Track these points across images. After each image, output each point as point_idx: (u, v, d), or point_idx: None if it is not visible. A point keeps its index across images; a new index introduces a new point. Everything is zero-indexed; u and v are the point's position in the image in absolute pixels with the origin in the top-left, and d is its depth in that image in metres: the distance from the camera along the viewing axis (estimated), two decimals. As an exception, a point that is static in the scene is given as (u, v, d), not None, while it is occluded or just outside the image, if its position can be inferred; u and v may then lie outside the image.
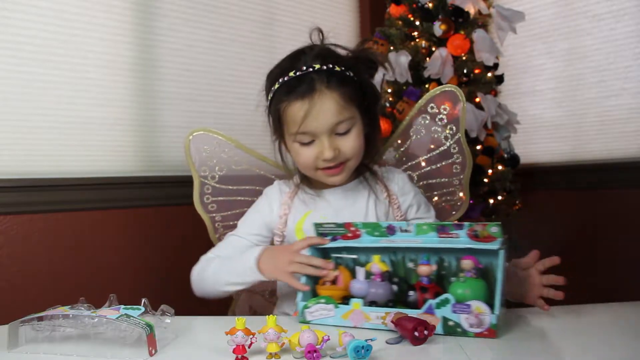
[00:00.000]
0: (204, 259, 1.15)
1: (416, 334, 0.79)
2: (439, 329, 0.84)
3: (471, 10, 1.93)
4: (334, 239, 1.01)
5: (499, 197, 1.97)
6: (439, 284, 0.93)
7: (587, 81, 2.24)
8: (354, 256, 1.01)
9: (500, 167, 1.99)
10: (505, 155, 2.04)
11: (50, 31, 1.68)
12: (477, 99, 1.91)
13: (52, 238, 1.65)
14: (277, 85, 1.05)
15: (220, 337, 0.78)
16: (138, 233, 1.83)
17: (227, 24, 2.09)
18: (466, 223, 0.92)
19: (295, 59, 1.05)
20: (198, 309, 1.07)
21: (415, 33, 2.00)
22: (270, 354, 0.77)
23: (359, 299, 0.91)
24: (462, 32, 1.93)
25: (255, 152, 1.30)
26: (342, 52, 1.08)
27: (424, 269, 0.92)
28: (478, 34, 1.93)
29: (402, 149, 1.30)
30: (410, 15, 2.02)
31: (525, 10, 2.00)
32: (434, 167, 1.27)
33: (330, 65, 1.02)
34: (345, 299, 0.94)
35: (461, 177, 1.27)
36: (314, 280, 0.99)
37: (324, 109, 1.00)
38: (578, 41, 2.25)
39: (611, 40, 2.16)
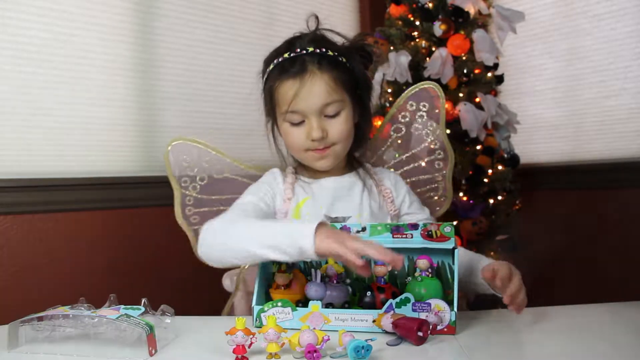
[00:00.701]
0: (218, 222, 0.99)
1: (420, 333, 0.79)
2: None
3: (471, 10, 1.93)
4: None
5: (499, 197, 1.97)
6: (393, 284, 0.95)
7: (587, 81, 2.24)
8: (308, 259, 0.99)
9: (500, 167, 1.99)
10: (505, 155, 2.04)
11: (50, 31, 1.68)
12: (477, 99, 1.91)
13: (52, 238, 1.65)
14: (271, 66, 1.09)
15: (220, 337, 0.78)
16: (138, 233, 1.83)
17: (227, 24, 2.09)
18: (420, 223, 0.95)
19: (290, 43, 1.09)
20: (198, 309, 1.07)
21: (415, 33, 2.00)
22: (270, 354, 0.77)
23: (317, 301, 0.90)
24: (462, 32, 1.93)
25: (237, 160, 1.26)
26: (339, 40, 1.11)
27: (380, 270, 0.94)
28: (478, 34, 1.93)
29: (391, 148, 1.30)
30: (410, 15, 2.02)
31: (525, 10, 2.00)
32: (415, 164, 1.27)
33: (324, 49, 1.05)
34: (299, 303, 0.94)
35: (444, 172, 1.27)
36: (267, 285, 0.98)
37: (314, 89, 1.03)
38: (578, 41, 2.25)
39: (611, 40, 2.16)
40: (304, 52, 1.05)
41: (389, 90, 2.01)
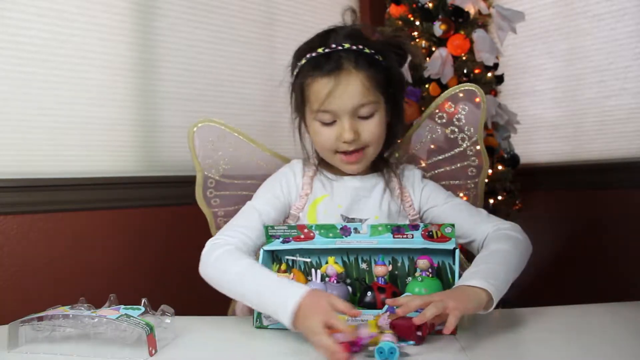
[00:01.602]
0: (225, 244, 0.99)
1: (419, 333, 0.79)
2: None
3: (471, 10, 1.93)
4: (286, 241, 0.99)
5: (499, 197, 1.97)
6: (393, 284, 0.95)
7: (587, 81, 2.24)
8: (308, 259, 0.99)
9: (500, 167, 1.99)
10: (505, 155, 2.04)
11: (50, 31, 1.68)
12: (477, 99, 1.91)
13: (52, 238, 1.65)
14: (303, 61, 1.03)
15: (220, 337, 0.78)
16: (138, 233, 1.83)
17: (227, 24, 2.09)
18: (421, 224, 0.94)
19: (324, 36, 1.03)
20: (198, 309, 1.07)
21: (415, 33, 2.00)
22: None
23: None
24: (462, 32, 1.93)
25: (262, 145, 1.25)
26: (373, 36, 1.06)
27: (380, 270, 0.93)
28: (478, 34, 1.93)
29: (415, 149, 1.25)
30: (410, 15, 2.02)
31: (525, 10, 2.00)
32: (448, 168, 1.22)
33: (360, 46, 1.00)
34: None
35: (476, 180, 1.22)
36: None
37: (348, 89, 0.98)
38: (578, 41, 2.25)
39: (611, 40, 2.16)
40: (340, 48, 0.99)
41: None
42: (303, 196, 1.09)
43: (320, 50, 1.00)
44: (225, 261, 0.95)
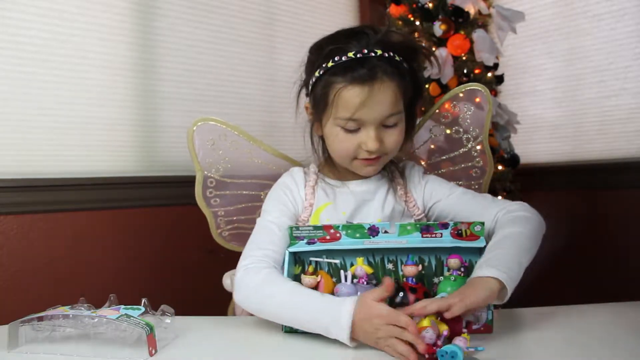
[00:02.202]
0: (260, 268, 0.94)
1: (465, 331, 0.79)
2: None
3: (471, 10, 1.93)
4: (311, 242, 0.96)
5: (499, 197, 1.97)
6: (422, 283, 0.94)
7: (587, 81, 2.24)
8: (337, 261, 0.97)
9: (500, 167, 1.99)
10: (505, 155, 2.04)
11: (50, 31, 1.68)
12: (477, 99, 1.91)
13: (52, 238, 1.65)
14: (331, 63, 0.97)
15: (220, 337, 0.78)
16: (138, 233, 1.83)
17: (227, 24, 2.09)
18: (450, 222, 0.93)
19: (353, 38, 0.98)
20: (198, 309, 1.07)
21: (416, 33, 2.00)
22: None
23: None
24: (462, 32, 1.93)
25: (263, 144, 1.23)
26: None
27: (410, 270, 0.91)
28: (478, 34, 1.93)
29: (417, 150, 1.23)
30: (410, 15, 2.02)
31: (525, 10, 2.01)
32: (450, 169, 1.21)
33: (392, 54, 0.97)
34: None
35: (480, 181, 1.20)
36: None
37: (381, 99, 0.95)
38: (578, 41, 2.25)
39: (611, 40, 2.16)
40: (372, 54, 0.95)
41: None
42: (307, 207, 1.07)
43: (351, 54, 0.96)
44: (265, 289, 0.91)
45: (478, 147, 1.20)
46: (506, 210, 1.00)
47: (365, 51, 0.95)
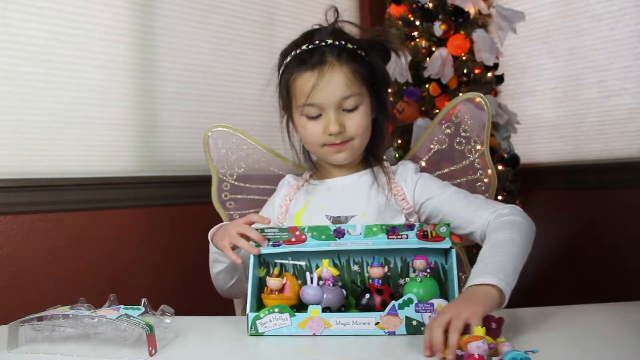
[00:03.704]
0: None
1: (494, 325, 0.79)
2: (402, 329, 0.85)
3: (471, 10, 1.93)
4: (276, 245, 0.96)
5: (499, 197, 1.97)
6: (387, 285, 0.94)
7: (587, 81, 2.24)
8: (302, 263, 0.97)
9: (500, 167, 1.99)
10: (505, 155, 2.04)
11: (50, 31, 1.68)
12: (477, 99, 1.91)
13: (52, 238, 1.65)
14: (289, 59, 1.06)
15: (220, 337, 0.78)
16: (138, 233, 1.83)
17: (227, 24, 2.09)
18: (416, 224, 0.94)
19: (309, 34, 1.07)
20: (198, 309, 1.07)
21: (415, 33, 2.00)
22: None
23: (316, 305, 0.88)
24: (462, 32, 1.93)
25: (274, 152, 1.28)
26: (357, 33, 1.09)
27: (376, 271, 0.91)
28: (478, 34, 1.93)
29: (425, 158, 1.22)
30: (410, 15, 2.02)
31: (525, 10, 2.00)
32: (454, 182, 1.18)
33: (343, 42, 1.03)
34: (293, 307, 0.90)
35: (486, 195, 1.17)
36: (259, 290, 0.94)
37: (332, 82, 1.01)
38: (578, 41, 2.25)
39: (611, 40, 2.16)
40: (323, 43, 1.03)
41: (389, 90, 2.01)
42: (282, 206, 1.14)
43: (304, 47, 1.04)
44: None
45: (480, 160, 1.19)
46: (497, 214, 1.01)
47: (317, 42, 1.03)
